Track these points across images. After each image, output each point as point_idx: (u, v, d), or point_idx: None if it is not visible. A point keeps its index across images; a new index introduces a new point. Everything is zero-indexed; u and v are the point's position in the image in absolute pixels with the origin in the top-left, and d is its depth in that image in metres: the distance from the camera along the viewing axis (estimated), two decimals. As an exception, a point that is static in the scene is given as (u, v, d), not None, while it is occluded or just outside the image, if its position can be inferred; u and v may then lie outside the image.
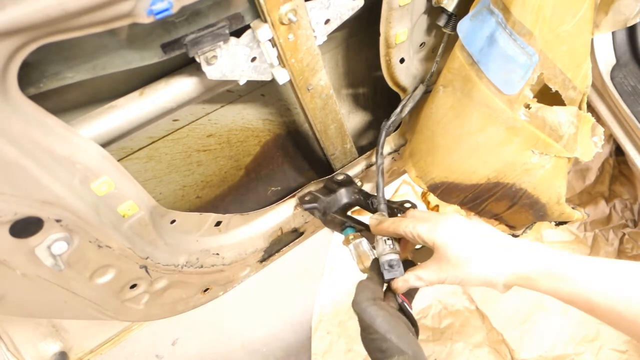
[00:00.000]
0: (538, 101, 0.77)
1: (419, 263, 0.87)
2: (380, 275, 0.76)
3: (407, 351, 0.63)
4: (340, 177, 0.96)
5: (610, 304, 0.62)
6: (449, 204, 1.00)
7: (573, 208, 0.94)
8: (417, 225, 0.73)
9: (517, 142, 0.80)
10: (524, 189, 0.88)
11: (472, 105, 0.79)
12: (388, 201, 0.88)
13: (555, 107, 0.77)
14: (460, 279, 0.70)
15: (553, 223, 1.03)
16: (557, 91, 0.77)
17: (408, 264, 0.79)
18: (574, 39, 0.73)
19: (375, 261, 0.79)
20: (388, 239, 0.79)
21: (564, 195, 0.90)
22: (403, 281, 0.75)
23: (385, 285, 0.77)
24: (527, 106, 0.76)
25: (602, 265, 0.65)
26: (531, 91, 0.75)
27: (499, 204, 0.94)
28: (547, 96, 0.79)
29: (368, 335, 0.66)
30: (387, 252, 0.76)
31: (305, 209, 0.93)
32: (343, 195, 0.94)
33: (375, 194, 0.90)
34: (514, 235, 1.08)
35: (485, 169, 0.86)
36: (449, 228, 0.71)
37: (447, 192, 0.94)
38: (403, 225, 0.74)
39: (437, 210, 1.17)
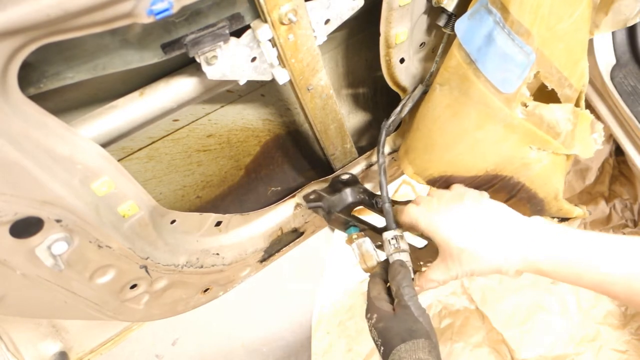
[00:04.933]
0: (535, 99, 0.77)
1: (421, 263, 0.87)
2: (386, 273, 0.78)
3: (433, 338, 0.65)
4: (346, 177, 0.96)
5: (625, 283, 0.62)
6: None
7: (576, 205, 0.95)
8: (419, 221, 0.74)
9: (515, 139, 0.81)
10: (522, 182, 0.88)
11: (469, 103, 0.79)
12: (392, 201, 0.88)
13: (551, 105, 0.78)
14: (470, 272, 0.70)
15: (555, 219, 1.02)
16: (553, 89, 0.77)
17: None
18: (570, 37, 0.73)
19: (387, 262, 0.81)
20: (392, 239, 0.80)
21: (561, 192, 0.90)
22: (416, 288, 0.75)
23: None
24: (524, 104, 0.77)
25: (610, 242, 0.65)
26: (528, 89, 0.76)
27: (497, 196, 0.94)
28: (545, 93, 0.79)
29: (402, 314, 0.67)
30: (392, 251, 0.79)
31: (310, 208, 0.94)
32: (348, 195, 0.94)
33: (379, 193, 0.90)
34: None
35: (483, 163, 0.86)
36: (450, 222, 0.71)
37: (446, 184, 0.94)
38: (404, 220, 0.76)
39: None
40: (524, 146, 0.81)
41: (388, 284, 0.77)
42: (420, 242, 0.89)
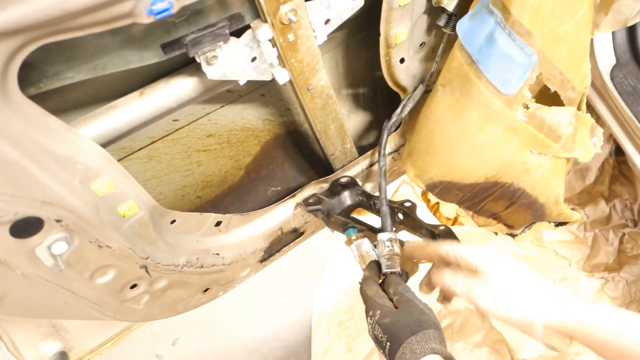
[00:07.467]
0: (537, 101, 0.77)
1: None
2: (377, 274, 0.78)
3: (440, 329, 0.65)
4: (344, 180, 0.96)
5: None
6: (448, 203, 1.00)
7: (572, 209, 0.95)
8: (460, 248, 0.72)
9: (516, 142, 0.81)
10: (522, 188, 0.88)
11: (470, 105, 0.79)
12: (389, 201, 0.88)
13: (553, 108, 0.77)
14: (495, 309, 0.67)
15: (552, 224, 1.03)
16: (556, 91, 0.77)
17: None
18: (573, 39, 0.73)
19: (373, 262, 0.82)
20: (388, 241, 0.81)
21: (562, 196, 0.90)
22: (439, 274, 0.73)
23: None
24: (526, 106, 0.77)
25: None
26: (530, 91, 0.75)
27: (497, 203, 0.94)
28: (547, 96, 0.79)
29: (407, 307, 0.67)
30: (384, 254, 0.80)
31: (309, 211, 0.94)
32: (347, 198, 0.95)
33: (377, 194, 0.90)
34: (512, 235, 1.08)
35: (483, 168, 0.86)
36: (494, 256, 0.70)
37: (445, 191, 0.94)
38: (446, 247, 0.74)
39: (437, 208, 1.17)
40: (525, 150, 0.81)
41: (381, 281, 0.77)
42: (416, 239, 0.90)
